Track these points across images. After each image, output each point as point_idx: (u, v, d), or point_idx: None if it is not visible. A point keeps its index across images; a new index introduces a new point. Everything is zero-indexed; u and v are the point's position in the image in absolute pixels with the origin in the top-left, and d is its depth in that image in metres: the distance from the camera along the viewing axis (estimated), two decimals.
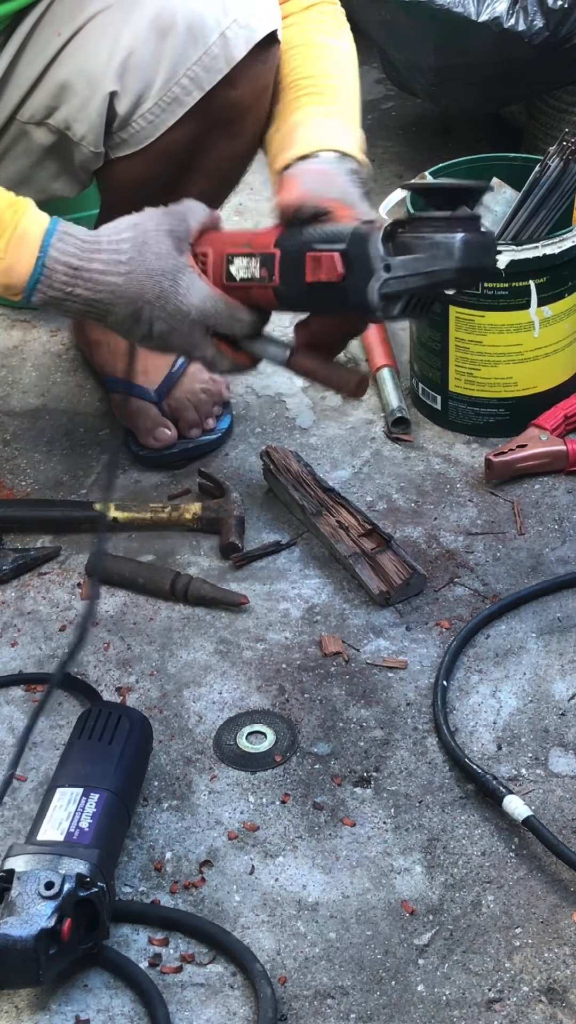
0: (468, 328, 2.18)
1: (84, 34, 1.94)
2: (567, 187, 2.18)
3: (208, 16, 1.91)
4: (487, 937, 1.55)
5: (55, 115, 1.98)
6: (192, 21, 1.90)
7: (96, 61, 1.93)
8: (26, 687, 1.86)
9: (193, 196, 2.05)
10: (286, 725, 1.79)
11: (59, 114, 1.97)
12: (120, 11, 1.92)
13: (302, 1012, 1.49)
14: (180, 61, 1.92)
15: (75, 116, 1.96)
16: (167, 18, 1.90)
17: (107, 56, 1.92)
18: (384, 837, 1.66)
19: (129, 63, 1.91)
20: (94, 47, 1.93)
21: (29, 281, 1.74)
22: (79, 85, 1.94)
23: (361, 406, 2.32)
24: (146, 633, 1.93)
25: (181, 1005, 1.49)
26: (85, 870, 1.49)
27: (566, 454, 2.15)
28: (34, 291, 1.75)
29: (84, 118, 1.96)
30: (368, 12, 2.68)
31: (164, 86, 1.93)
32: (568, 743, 1.75)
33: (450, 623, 1.92)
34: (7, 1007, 1.50)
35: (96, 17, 1.94)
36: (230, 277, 1.77)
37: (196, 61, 1.92)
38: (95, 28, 1.93)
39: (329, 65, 2.01)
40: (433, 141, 3.05)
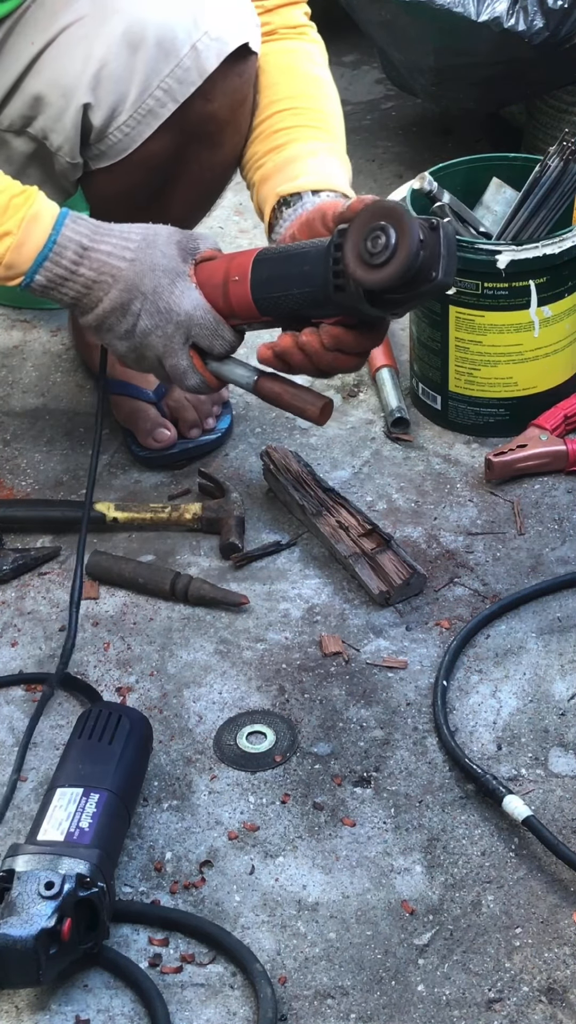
0: (468, 328, 2.18)
1: (57, 45, 1.94)
2: (567, 187, 2.18)
3: (179, 29, 1.90)
4: (487, 937, 1.55)
5: (32, 125, 1.98)
6: (162, 35, 1.90)
7: (69, 73, 1.93)
8: (26, 687, 1.86)
9: (178, 205, 2.08)
10: (286, 725, 1.79)
11: (36, 124, 1.98)
12: (92, 23, 1.92)
13: (302, 1012, 1.49)
14: (152, 74, 1.92)
15: (51, 127, 1.96)
16: (138, 31, 1.90)
17: (80, 68, 1.92)
18: (384, 837, 1.66)
19: (102, 75, 1.91)
20: (67, 59, 1.93)
21: (37, 257, 1.78)
22: (53, 96, 1.94)
23: (361, 406, 2.32)
24: (146, 633, 1.93)
25: (181, 1005, 1.49)
26: (85, 870, 1.49)
27: (566, 454, 2.15)
28: (39, 269, 1.78)
29: (60, 129, 1.96)
30: (368, 12, 2.68)
31: (138, 98, 1.93)
32: (568, 743, 1.75)
33: (450, 623, 1.92)
34: (7, 1007, 1.50)
35: (69, 28, 1.93)
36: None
37: (168, 74, 1.92)
38: (68, 40, 1.93)
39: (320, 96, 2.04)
40: (433, 141, 3.05)
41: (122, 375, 2.25)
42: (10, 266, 1.79)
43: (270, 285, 1.78)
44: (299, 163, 1.95)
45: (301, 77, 2.04)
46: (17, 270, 1.79)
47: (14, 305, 2.58)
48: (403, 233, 1.65)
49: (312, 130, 2.00)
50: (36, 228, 1.78)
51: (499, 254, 2.11)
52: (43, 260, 1.78)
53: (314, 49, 2.08)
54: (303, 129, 2.00)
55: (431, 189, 2.22)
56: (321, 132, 2.00)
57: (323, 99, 2.04)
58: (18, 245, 1.78)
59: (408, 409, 2.28)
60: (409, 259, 1.65)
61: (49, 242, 1.78)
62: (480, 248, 2.13)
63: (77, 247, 1.79)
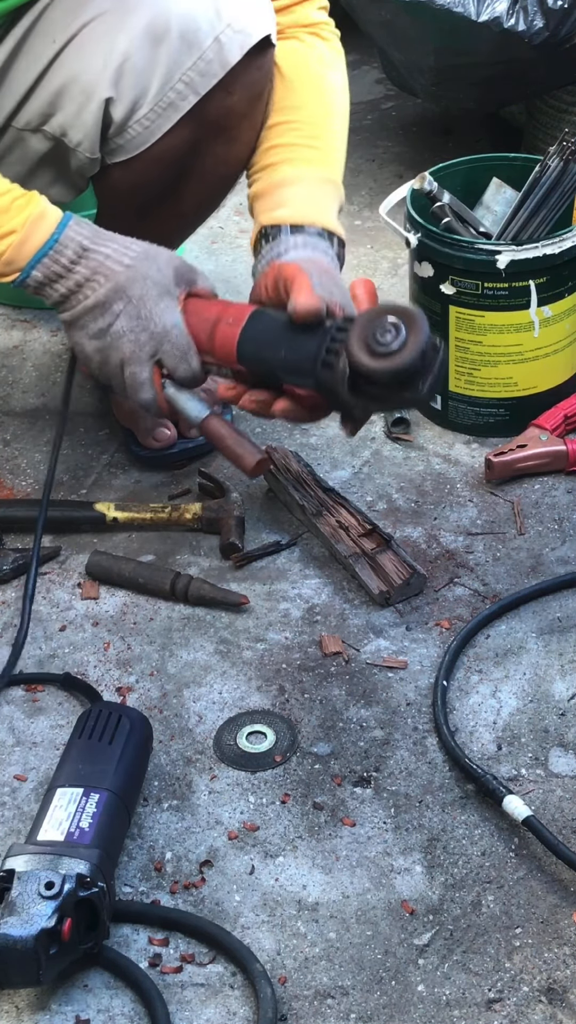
0: (468, 328, 2.18)
1: (79, 40, 1.94)
2: (567, 187, 2.18)
3: (202, 21, 1.91)
4: (487, 937, 1.55)
5: (51, 122, 1.98)
6: (186, 26, 1.90)
7: (91, 68, 1.93)
8: (26, 687, 1.86)
9: (189, 201, 2.08)
10: (286, 725, 1.79)
11: (55, 120, 1.97)
12: (114, 17, 1.92)
13: (302, 1012, 1.49)
14: (175, 67, 1.92)
15: (71, 123, 1.96)
16: (161, 24, 1.90)
17: (102, 63, 1.92)
18: (384, 837, 1.66)
19: (124, 69, 1.91)
20: (89, 54, 1.93)
21: (37, 253, 1.80)
22: (74, 92, 1.94)
23: None
24: (146, 633, 1.94)
25: (181, 1005, 1.49)
26: (85, 870, 1.49)
27: (566, 454, 2.15)
28: (37, 264, 1.80)
29: (80, 124, 1.96)
30: (368, 12, 2.68)
31: (160, 91, 1.93)
32: (568, 743, 1.75)
33: (450, 623, 1.92)
34: (7, 1007, 1.50)
35: (91, 23, 1.93)
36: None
37: (191, 66, 1.92)
38: (90, 34, 1.93)
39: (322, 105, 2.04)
40: (433, 141, 3.05)
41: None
42: (9, 262, 1.81)
43: (260, 339, 1.82)
44: (286, 190, 1.97)
45: (305, 84, 2.04)
46: (15, 266, 1.81)
47: (14, 305, 2.58)
48: (416, 331, 1.70)
49: (307, 150, 2.00)
50: (40, 226, 1.80)
51: (499, 254, 2.11)
52: (42, 256, 1.80)
53: (324, 48, 2.07)
54: (298, 148, 2.00)
55: (431, 189, 2.22)
56: (316, 152, 2.00)
57: (324, 109, 2.04)
58: (20, 242, 1.80)
59: (408, 409, 2.28)
60: (414, 357, 1.70)
61: (51, 240, 1.80)
62: (480, 248, 2.13)
63: (78, 247, 1.81)
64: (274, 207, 1.97)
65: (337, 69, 2.07)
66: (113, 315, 1.81)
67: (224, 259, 2.67)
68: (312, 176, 1.99)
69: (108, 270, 1.81)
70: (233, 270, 2.60)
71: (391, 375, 1.71)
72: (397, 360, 1.70)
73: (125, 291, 1.81)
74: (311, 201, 1.96)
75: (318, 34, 2.07)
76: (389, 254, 2.69)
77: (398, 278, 2.61)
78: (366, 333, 1.72)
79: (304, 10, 2.06)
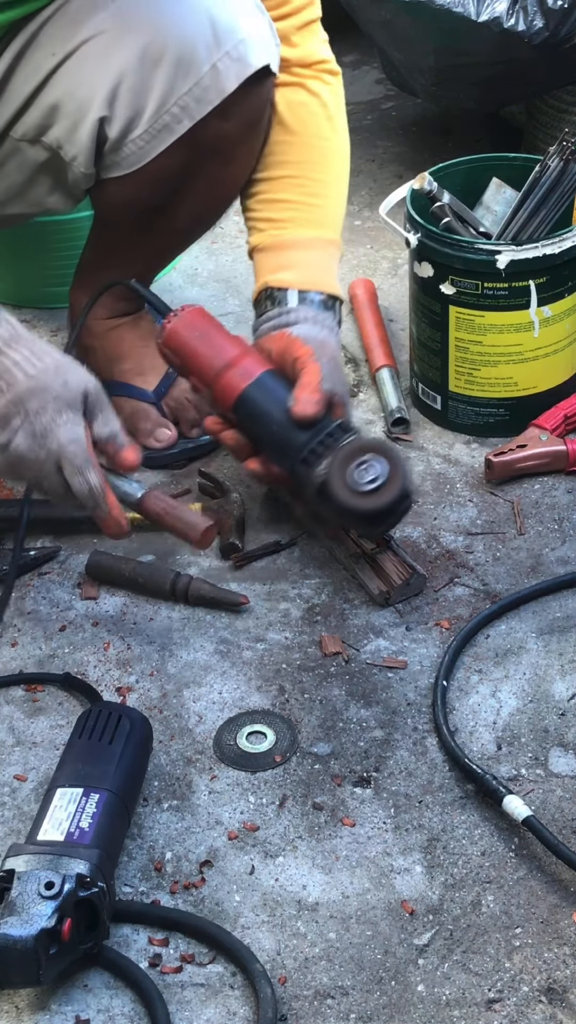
0: (468, 328, 2.18)
1: (77, 57, 1.94)
2: (567, 187, 2.18)
3: (199, 47, 1.90)
4: (487, 937, 1.55)
5: (47, 134, 1.98)
6: (182, 53, 1.90)
7: (87, 86, 1.93)
8: (26, 687, 1.86)
9: (184, 217, 2.10)
10: (286, 725, 1.79)
11: (51, 133, 1.98)
12: (112, 37, 1.92)
13: (302, 1012, 1.49)
14: (170, 91, 1.92)
15: (66, 137, 1.97)
16: (157, 48, 1.90)
17: (98, 81, 1.92)
18: (384, 837, 1.66)
19: (119, 90, 1.91)
20: (86, 72, 1.93)
21: None
22: (70, 108, 1.95)
23: (361, 406, 2.32)
24: (146, 633, 1.93)
25: (181, 1005, 1.49)
26: (85, 870, 1.49)
27: (566, 454, 2.15)
28: None
29: (75, 140, 1.96)
30: (368, 12, 2.68)
31: (154, 114, 1.93)
32: (568, 743, 1.75)
33: (450, 623, 1.92)
34: (7, 1007, 1.50)
35: (89, 41, 1.93)
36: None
37: (187, 92, 1.92)
38: (88, 52, 1.93)
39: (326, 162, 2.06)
40: (433, 141, 3.05)
41: (121, 376, 2.25)
42: None
43: (260, 405, 1.87)
44: (292, 253, 2.01)
45: (312, 140, 2.05)
46: None
47: (14, 304, 2.58)
48: (394, 480, 1.79)
49: (312, 209, 2.04)
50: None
51: (499, 254, 2.11)
52: None
53: (328, 95, 2.08)
54: (303, 208, 2.04)
55: (431, 189, 2.22)
56: (320, 211, 2.04)
57: (329, 166, 2.06)
58: None
59: (408, 409, 2.28)
60: (387, 504, 1.80)
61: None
62: (480, 248, 2.13)
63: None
64: (279, 268, 2.01)
65: (340, 119, 2.10)
66: (12, 431, 1.71)
67: (224, 259, 2.66)
68: (317, 239, 2.03)
69: (12, 378, 1.70)
70: (233, 270, 2.60)
71: (359, 513, 1.81)
72: (370, 502, 1.80)
73: (24, 404, 1.70)
74: (316, 266, 2.01)
75: (320, 78, 2.08)
76: (389, 254, 2.69)
77: (398, 278, 2.61)
78: (349, 464, 1.81)
79: (309, 46, 2.06)
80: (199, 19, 1.90)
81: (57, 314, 2.53)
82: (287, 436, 1.86)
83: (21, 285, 2.59)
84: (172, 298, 2.51)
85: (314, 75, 2.07)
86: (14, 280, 2.59)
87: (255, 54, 1.94)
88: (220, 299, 2.58)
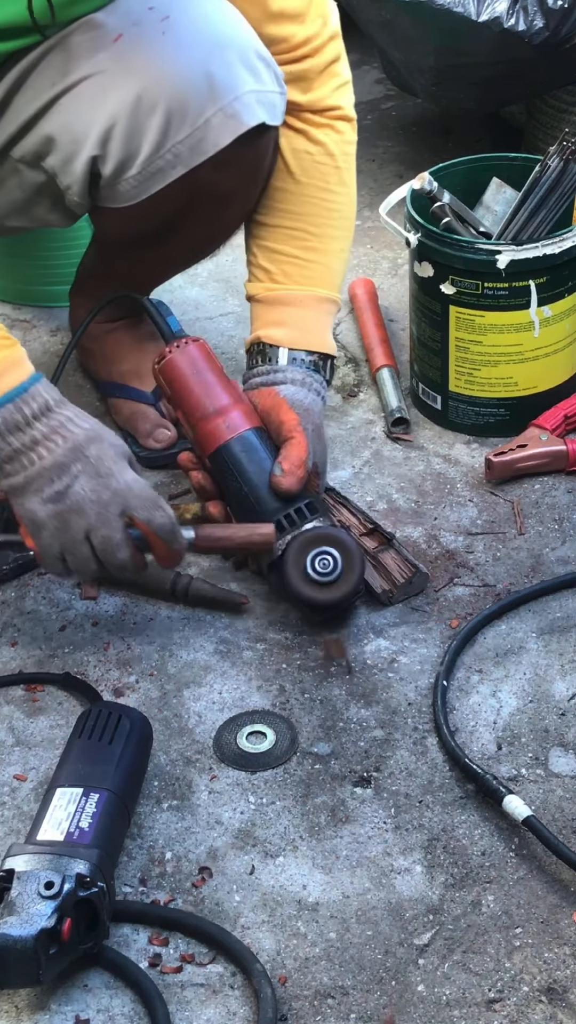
0: (468, 328, 2.18)
1: (74, 93, 1.93)
2: (567, 187, 2.18)
3: (193, 101, 1.88)
4: (487, 937, 1.55)
5: (44, 161, 1.97)
6: (174, 106, 1.89)
7: (81, 123, 1.92)
8: (26, 687, 1.86)
9: (179, 248, 2.12)
10: (286, 725, 1.79)
11: (47, 161, 1.97)
12: (110, 78, 1.90)
13: (302, 1012, 1.49)
14: (163, 138, 1.90)
15: (61, 168, 1.96)
16: (152, 96, 1.88)
17: (92, 120, 1.91)
18: (384, 837, 1.66)
19: (113, 132, 1.90)
20: (82, 109, 1.92)
21: (5, 395, 1.72)
22: (64, 140, 1.94)
23: (361, 406, 2.32)
24: (146, 633, 1.93)
25: (181, 1005, 1.49)
26: (85, 870, 1.49)
27: (566, 454, 2.15)
28: (4, 406, 1.72)
29: (69, 171, 1.95)
30: (368, 12, 2.68)
31: (148, 158, 1.92)
32: (568, 743, 1.75)
33: (450, 623, 1.92)
34: (7, 1007, 1.50)
35: (88, 79, 1.92)
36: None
37: (180, 141, 1.91)
38: (84, 90, 1.92)
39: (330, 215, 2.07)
40: (433, 141, 3.05)
41: (120, 378, 2.25)
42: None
43: (237, 462, 1.91)
44: (286, 310, 2.03)
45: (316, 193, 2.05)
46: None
47: (14, 303, 2.58)
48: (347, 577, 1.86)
49: (310, 266, 2.04)
50: (14, 371, 1.75)
51: (499, 254, 2.11)
52: (7, 401, 1.73)
53: (337, 146, 2.07)
54: (300, 264, 2.04)
55: (431, 189, 2.22)
56: (319, 268, 2.05)
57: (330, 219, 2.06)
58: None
59: (408, 409, 2.28)
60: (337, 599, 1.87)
61: (21, 387, 1.74)
62: (480, 248, 2.13)
63: (43, 403, 1.74)
64: (272, 324, 2.03)
65: (348, 171, 2.09)
66: (71, 476, 1.73)
67: (224, 259, 2.66)
68: (311, 296, 2.04)
69: (67, 431, 1.74)
70: (233, 270, 2.60)
71: (305, 601, 1.87)
72: (318, 594, 1.86)
73: (83, 450, 1.74)
74: (309, 325, 2.03)
75: (332, 126, 2.06)
76: (389, 254, 2.69)
77: (398, 278, 2.61)
78: (307, 551, 1.85)
79: (323, 90, 2.04)
80: (196, 72, 1.88)
81: (56, 313, 2.53)
82: (257, 500, 1.89)
83: (21, 284, 2.59)
84: (172, 298, 2.51)
85: (325, 123, 2.05)
86: (14, 279, 2.59)
87: (250, 112, 1.91)
88: (220, 299, 2.58)
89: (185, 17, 1.90)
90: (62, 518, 1.74)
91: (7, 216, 2.09)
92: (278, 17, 1.96)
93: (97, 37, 1.92)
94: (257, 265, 2.07)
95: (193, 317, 2.52)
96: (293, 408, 1.93)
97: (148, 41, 1.90)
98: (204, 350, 1.97)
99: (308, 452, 1.90)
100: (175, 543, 1.79)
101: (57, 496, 1.73)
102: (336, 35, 2.03)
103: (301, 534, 1.87)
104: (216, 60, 1.89)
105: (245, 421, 1.93)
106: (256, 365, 2.03)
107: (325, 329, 2.05)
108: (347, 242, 2.10)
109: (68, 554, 1.77)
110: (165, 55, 1.89)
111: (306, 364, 2.01)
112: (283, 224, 2.05)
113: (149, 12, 1.91)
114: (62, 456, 1.73)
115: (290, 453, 1.89)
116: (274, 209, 2.06)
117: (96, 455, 1.74)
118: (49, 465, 1.73)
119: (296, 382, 1.99)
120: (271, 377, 2.00)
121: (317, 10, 1.99)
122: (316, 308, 2.04)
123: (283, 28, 1.97)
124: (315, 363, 2.02)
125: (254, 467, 1.90)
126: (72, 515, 1.74)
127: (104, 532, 1.75)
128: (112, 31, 1.91)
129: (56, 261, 2.52)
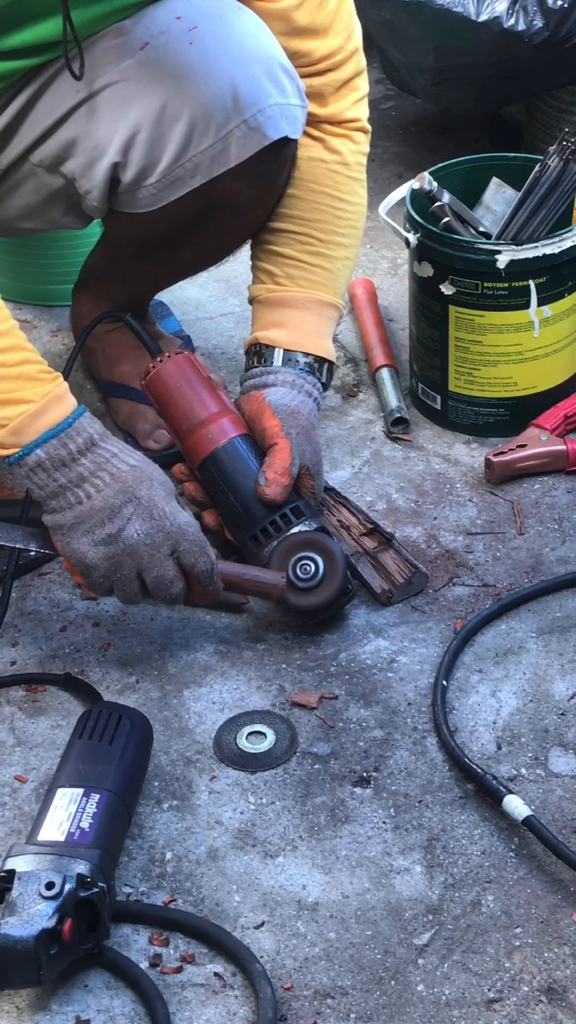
0: (468, 328, 2.18)
1: (98, 100, 1.93)
2: (567, 187, 2.18)
3: (217, 114, 1.89)
4: (487, 937, 1.55)
5: (64, 165, 1.98)
6: (199, 116, 1.90)
7: (105, 128, 1.93)
8: (27, 687, 1.86)
9: (189, 254, 2.13)
10: (286, 725, 1.79)
11: (67, 165, 1.98)
12: (135, 87, 1.91)
13: (302, 1012, 1.49)
14: (185, 148, 1.92)
15: (81, 172, 1.96)
16: (176, 107, 1.89)
17: (115, 127, 1.92)
18: (384, 837, 1.66)
19: (135, 140, 1.91)
20: (106, 115, 1.92)
21: (49, 431, 1.72)
22: (87, 145, 1.94)
23: (361, 406, 2.32)
24: (146, 633, 1.94)
25: (181, 1005, 1.49)
26: (86, 870, 1.49)
27: (566, 454, 2.15)
28: (45, 443, 1.72)
29: (90, 176, 1.96)
30: (368, 12, 2.68)
31: (168, 167, 1.93)
32: (568, 743, 1.75)
33: (450, 623, 1.92)
34: (7, 1007, 1.50)
35: (112, 86, 1.92)
36: None
37: (201, 151, 1.92)
38: (108, 97, 1.92)
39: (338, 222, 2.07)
40: (433, 141, 3.05)
41: (119, 378, 2.25)
42: (15, 432, 1.71)
43: (223, 473, 1.92)
44: (286, 311, 2.03)
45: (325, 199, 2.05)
46: (20, 439, 1.72)
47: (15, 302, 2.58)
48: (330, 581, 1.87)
49: (313, 270, 2.05)
50: (58, 405, 1.74)
51: (499, 254, 2.11)
52: (52, 436, 1.72)
53: (352, 156, 2.07)
54: (304, 267, 2.04)
55: (431, 189, 2.22)
56: (323, 272, 2.05)
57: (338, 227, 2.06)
58: (34, 414, 1.71)
59: (408, 409, 2.28)
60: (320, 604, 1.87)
61: (65, 422, 1.73)
62: (480, 248, 2.13)
63: (88, 438, 1.74)
64: (271, 325, 2.03)
65: (361, 181, 2.09)
66: (123, 519, 1.74)
67: None
68: (313, 300, 2.04)
69: (114, 468, 1.74)
70: (233, 270, 2.60)
71: (288, 605, 1.88)
72: (300, 599, 1.87)
73: (133, 492, 1.74)
74: (308, 329, 2.03)
75: (350, 136, 2.07)
76: (389, 254, 2.69)
77: (398, 278, 2.61)
78: (290, 556, 1.87)
79: (342, 103, 2.05)
80: (222, 84, 1.89)
81: (58, 312, 2.53)
82: (244, 508, 1.90)
83: (23, 282, 2.59)
84: (172, 298, 2.51)
85: (342, 133, 2.06)
86: (16, 277, 2.59)
87: (274, 125, 1.92)
88: (220, 299, 2.58)
89: (212, 28, 1.90)
90: (114, 560, 1.75)
91: (20, 218, 2.10)
92: (303, 32, 1.97)
93: (123, 44, 1.92)
94: (261, 268, 2.08)
95: (193, 317, 2.53)
96: (276, 413, 1.92)
97: (175, 51, 1.90)
98: (188, 361, 1.97)
99: (292, 457, 1.89)
100: (211, 586, 1.81)
101: (109, 539, 1.74)
102: (358, 49, 2.04)
103: (285, 539, 1.87)
104: (242, 72, 1.90)
105: (230, 430, 1.93)
106: (253, 366, 2.03)
107: (324, 333, 2.05)
108: (354, 251, 2.10)
109: (118, 589, 1.79)
110: (192, 66, 1.89)
111: (301, 366, 2.01)
112: (290, 229, 2.06)
113: (177, 22, 1.91)
114: (112, 497, 1.73)
115: (273, 461, 1.89)
116: (283, 214, 2.06)
117: (147, 497, 1.75)
118: (100, 506, 1.73)
119: (286, 384, 1.99)
120: (262, 379, 2.00)
121: (342, 23, 2.01)
122: (317, 311, 2.04)
123: (306, 43, 1.98)
124: (311, 365, 2.02)
125: (239, 476, 1.91)
126: (125, 557, 1.75)
127: (157, 572, 1.76)
128: (139, 39, 1.91)
129: (59, 260, 2.52)
